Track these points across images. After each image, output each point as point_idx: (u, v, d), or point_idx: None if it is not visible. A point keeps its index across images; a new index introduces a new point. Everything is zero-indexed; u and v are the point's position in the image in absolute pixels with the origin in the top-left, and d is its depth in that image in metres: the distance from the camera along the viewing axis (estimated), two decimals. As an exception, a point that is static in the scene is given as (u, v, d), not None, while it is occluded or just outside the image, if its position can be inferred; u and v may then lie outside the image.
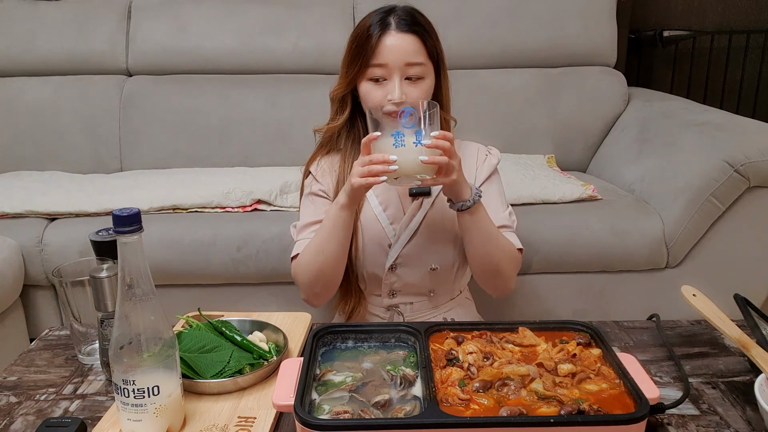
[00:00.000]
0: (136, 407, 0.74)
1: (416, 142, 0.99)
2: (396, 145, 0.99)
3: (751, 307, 0.97)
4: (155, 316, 0.75)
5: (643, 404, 0.70)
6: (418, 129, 0.99)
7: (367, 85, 1.16)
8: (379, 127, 1.02)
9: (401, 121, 0.99)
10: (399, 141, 0.99)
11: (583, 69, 2.31)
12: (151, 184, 1.91)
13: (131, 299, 0.73)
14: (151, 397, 0.74)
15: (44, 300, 1.75)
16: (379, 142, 1.02)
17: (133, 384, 0.73)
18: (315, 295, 1.20)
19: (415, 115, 0.98)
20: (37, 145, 2.19)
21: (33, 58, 2.24)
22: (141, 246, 0.72)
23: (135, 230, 0.70)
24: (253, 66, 2.27)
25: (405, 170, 1.00)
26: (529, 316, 1.75)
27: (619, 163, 2.06)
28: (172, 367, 0.76)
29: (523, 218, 1.70)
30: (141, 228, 0.71)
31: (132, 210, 0.70)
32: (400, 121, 0.99)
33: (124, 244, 0.71)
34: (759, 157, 1.61)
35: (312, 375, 0.78)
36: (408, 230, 1.21)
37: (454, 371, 0.79)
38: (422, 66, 1.14)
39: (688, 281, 1.02)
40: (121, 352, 0.73)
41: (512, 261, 1.21)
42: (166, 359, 0.75)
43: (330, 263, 1.15)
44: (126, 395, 0.73)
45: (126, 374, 0.73)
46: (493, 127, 2.19)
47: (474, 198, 1.10)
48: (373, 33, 1.13)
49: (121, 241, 0.70)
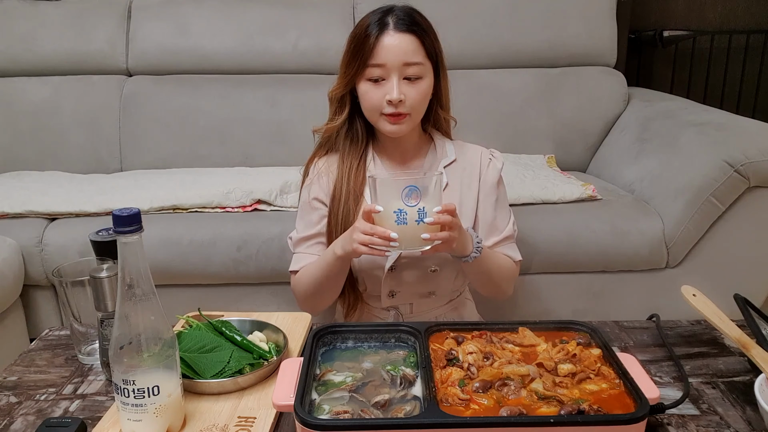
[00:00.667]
0: (136, 407, 0.74)
1: (418, 220, 0.98)
2: (398, 222, 0.99)
3: (751, 307, 0.97)
4: (155, 316, 0.75)
5: (643, 404, 0.70)
6: (421, 207, 0.98)
7: (366, 85, 1.16)
8: (380, 199, 1.00)
9: (404, 200, 0.97)
10: (401, 218, 0.98)
11: (583, 69, 2.30)
12: (151, 184, 1.91)
13: (131, 299, 0.73)
14: (151, 397, 0.74)
15: (44, 300, 1.75)
16: (381, 216, 1.01)
17: (133, 384, 0.73)
18: (311, 309, 1.23)
19: (419, 193, 0.97)
20: (37, 145, 2.19)
21: (33, 58, 2.24)
22: (141, 246, 0.72)
23: (135, 230, 0.70)
24: (253, 66, 2.27)
25: (407, 245, 1.01)
26: (529, 316, 1.75)
27: (619, 163, 2.06)
28: (172, 367, 0.76)
29: (523, 218, 1.71)
30: (141, 228, 0.71)
31: (132, 210, 0.70)
32: (402, 198, 0.97)
33: (124, 244, 0.71)
34: (759, 157, 1.61)
35: (312, 375, 0.78)
36: None
37: (454, 371, 0.79)
38: (420, 66, 1.14)
39: (688, 281, 1.02)
40: (121, 352, 0.73)
41: (511, 278, 1.27)
42: (166, 359, 0.75)
43: (326, 295, 1.22)
44: (126, 395, 0.73)
45: (126, 374, 0.73)
46: (493, 127, 2.19)
47: (475, 254, 1.13)
48: (371, 33, 1.13)
49: (121, 241, 0.71)
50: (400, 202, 0.97)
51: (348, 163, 1.23)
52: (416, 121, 1.21)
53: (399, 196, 0.97)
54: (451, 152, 1.27)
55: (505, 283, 1.27)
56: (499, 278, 1.24)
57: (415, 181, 0.99)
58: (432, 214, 0.99)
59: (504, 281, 1.26)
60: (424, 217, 0.98)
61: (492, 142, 1.38)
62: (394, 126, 1.16)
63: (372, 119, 1.20)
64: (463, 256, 1.13)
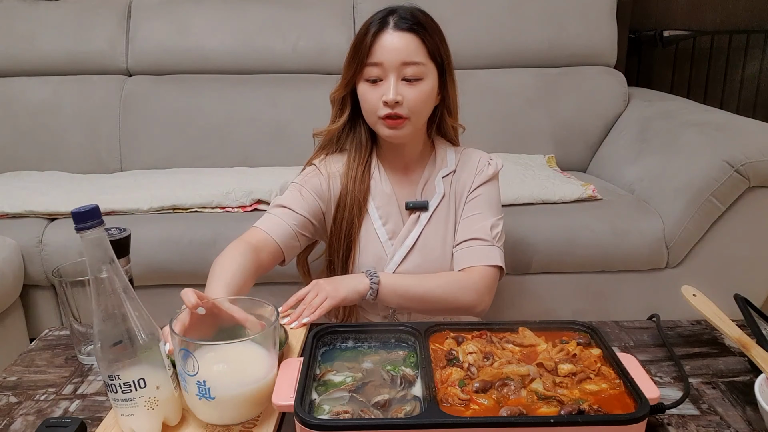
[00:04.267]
0: (126, 402, 0.74)
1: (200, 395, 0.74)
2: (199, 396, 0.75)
3: (751, 307, 0.97)
4: (134, 309, 0.74)
5: (643, 404, 0.70)
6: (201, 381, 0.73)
7: (364, 86, 1.12)
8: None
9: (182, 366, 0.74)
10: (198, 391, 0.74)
11: (583, 69, 2.31)
12: (151, 184, 1.91)
13: (104, 294, 0.72)
14: (139, 390, 0.73)
15: (44, 300, 1.75)
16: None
17: (119, 379, 0.73)
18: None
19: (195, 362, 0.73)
20: (37, 145, 2.19)
21: (33, 58, 2.24)
22: (105, 240, 0.71)
23: (96, 224, 0.70)
24: (253, 66, 2.27)
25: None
26: (529, 316, 1.75)
27: (619, 163, 2.06)
28: (157, 358, 0.76)
29: (523, 218, 1.71)
30: (102, 222, 0.71)
31: (90, 206, 0.70)
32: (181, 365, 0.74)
33: (89, 241, 0.71)
34: (759, 157, 1.61)
35: (312, 375, 0.78)
36: (404, 248, 1.19)
37: (454, 371, 0.79)
38: (420, 66, 1.09)
39: (688, 281, 1.02)
40: (104, 349, 0.73)
41: (471, 287, 1.13)
42: (148, 350, 0.75)
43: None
44: (114, 391, 0.74)
45: (110, 370, 0.73)
46: (493, 127, 2.20)
47: (372, 285, 1.08)
48: (371, 32, 1.10)
49: (85, 237, 0.70)
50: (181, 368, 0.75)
51: (353, 171, 1.20)
52: (417, 126, 1.15)
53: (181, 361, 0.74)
54: (452, 162, 1.23)
55: (464, 295, 1.13)
56: (444, 300, 1.13)
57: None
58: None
59: (462, 294, 1.13)
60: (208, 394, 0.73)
61: (492, 142, 1.38)
62: (392, 130, 1.12)
63: (370, 122, 1.16)
64: (362, 294, 1.08)
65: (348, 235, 1.19)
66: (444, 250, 1.20)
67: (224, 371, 0.76)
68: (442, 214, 1.21)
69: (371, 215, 1.21)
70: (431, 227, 1.20)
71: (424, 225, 1.20)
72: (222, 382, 0.74)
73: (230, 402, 0.75)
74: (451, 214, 1.22)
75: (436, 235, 1.20)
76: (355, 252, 1.20)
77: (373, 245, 1.20)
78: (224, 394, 0.74)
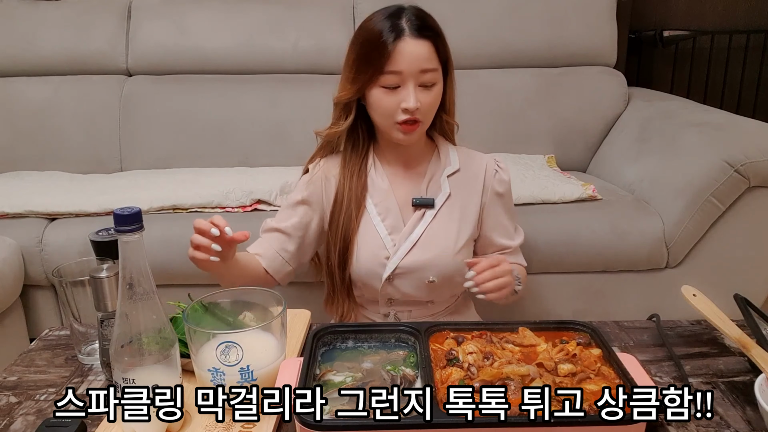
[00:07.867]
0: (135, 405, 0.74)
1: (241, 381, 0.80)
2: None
3: (751, 307, 0.97)
4: (156, 314, 0.75)
5: (643, 404, 0.70)
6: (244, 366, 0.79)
7: (378, 92, 1.11)
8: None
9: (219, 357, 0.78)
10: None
11: (583, 69, 2.31)
12: (151, 184, 1.91)
13: (132, 298, 0.73)
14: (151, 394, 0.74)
15: (44, 300, 1.75)
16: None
17: (133, 382, 0.73)
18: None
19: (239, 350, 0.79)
20: (37, 145, 2.19)
21: (33, 58, 2.24)
22: (142, 245, 0.72)
23: (136, 229, 0.70)
24: (253, 66, 2.27)
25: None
26: (529, 316, 1.75)
27: (619, 163, 2.06)
28: (173, 365, 0.76)
29: (523, 218, 1.70)
30: (142, 227, 0.71)
31: (133, 209, 0.70)
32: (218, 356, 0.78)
33: (126, 243, 0.71)
34: (759, 157, 1.61)
35: (312, 375, 0.78)
36: (408, 242, 1.19)
37: (454, 371, 0.79)
38: (435, 72, 1.12)
39: (688, 281, 1.02)
40: (122, 351, 0.73)
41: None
42: (166, 357, 0.75)
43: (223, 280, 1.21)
44: (125, 393, 0.73)
45: (126, 373, 0.73)
46: (493, 127, 2.20)
47: (518, 285, 1.18)
48: (387, 39, 1.08)
49: (122, 240, 0.71)
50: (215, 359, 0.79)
51: (350, 169, 1.21)
52: (426, 127, 1.18)
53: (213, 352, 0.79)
54: (455, 161, 1.24)
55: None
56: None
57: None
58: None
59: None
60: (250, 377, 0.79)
61: (492, 142, 1.38)
62: (407, 135, 1.14)
63: (384, 126, 1.16)
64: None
65: (345, 230, 1.19)
66: (446, 247, 1.21)
67: (265, 348, 0.83)
68: (446, 212, 1.22)
69: (369, 211, 1.21)
70: (435, 224, 1.21)
71: (429, 222, 1.21)
72: (261, 361, 0.81)
73: (268, 379, 0.81)
74: (455, 213, 1.22)
75: (439, 232, 1.21)
76: (353, 247, 1.21)
77: (372, 240, 1.21)
78: (263, 373, 0.80)
